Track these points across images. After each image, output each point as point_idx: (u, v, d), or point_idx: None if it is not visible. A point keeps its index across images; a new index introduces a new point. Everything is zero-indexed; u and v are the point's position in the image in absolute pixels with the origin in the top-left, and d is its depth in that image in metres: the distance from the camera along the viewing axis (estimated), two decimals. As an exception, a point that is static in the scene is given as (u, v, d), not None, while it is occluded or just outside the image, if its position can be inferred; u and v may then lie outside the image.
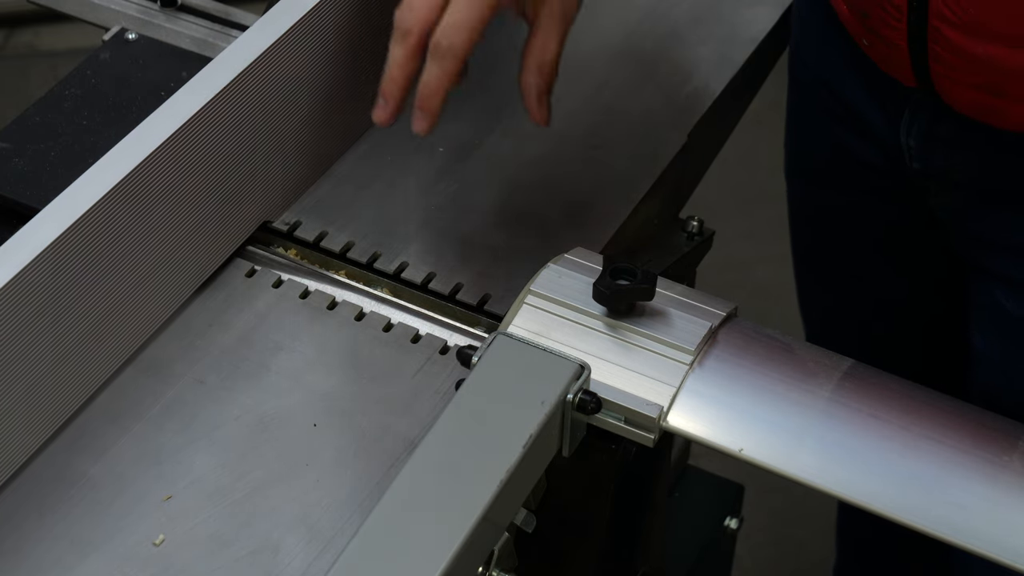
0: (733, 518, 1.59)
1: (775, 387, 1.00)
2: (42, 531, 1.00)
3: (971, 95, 1.18)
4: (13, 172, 1.18)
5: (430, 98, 1.07)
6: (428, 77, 1.06)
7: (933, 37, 1.15)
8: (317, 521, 1.01)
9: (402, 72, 1.08)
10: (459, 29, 1.04)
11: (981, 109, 1.19)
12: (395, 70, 1.08)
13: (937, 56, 1.16)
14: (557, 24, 1.08)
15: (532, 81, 1.09)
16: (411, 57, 1.07)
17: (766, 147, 2.47)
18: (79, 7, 1.38)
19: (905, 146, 1.28)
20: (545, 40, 1.08)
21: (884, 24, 1.19)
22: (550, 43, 1.08)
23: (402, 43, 1.07)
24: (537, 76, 1.08)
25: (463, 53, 1.05)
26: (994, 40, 1.12)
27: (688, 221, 1.26)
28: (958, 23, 1.13)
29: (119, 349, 1.09)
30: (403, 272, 1.16)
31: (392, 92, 1.08)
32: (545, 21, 1.08)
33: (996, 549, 0.93)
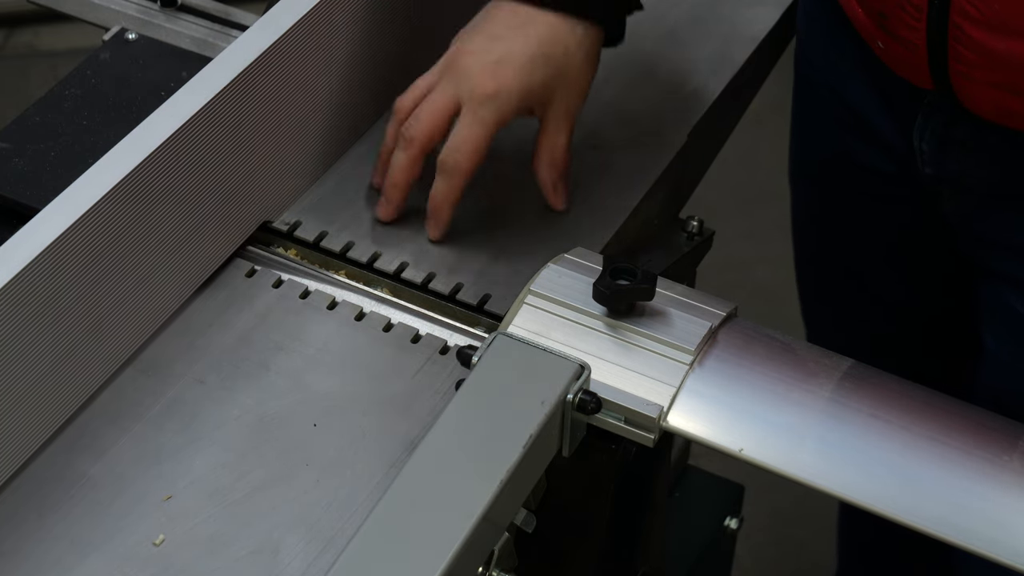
0: (733, 518, 1.58)
1: (775, 387, 1.00)
2: (42, 531, 1.00)
3: (991, 95, 1.17)
4: (13, 172, 1.18)
5: (439, 210, 1.17)
6: (436, 192, 1.16)
7: (954, 35, 1.14)
8: (317, 521, 1.01)
9: (404, 178, 1.17)
10: (464, 150, 1.14)
11: (1000, 110, 1.18)
12: (398, 175, 1.17)
13: (958, 55, 1.16)
14: (564, 121, 1.17)
15: (546, 175, 1.19)
16: (414, 164, 1.16)
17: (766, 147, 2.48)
18: (79, 7, 1.38)
19: (918, 150, 1.27)
20: (555, 136, 1.18)
21: (902, 24, 1.18)
22: (559, 139, 1.18)
23: (406, 151, 1.16)
24: (550, 170, 1.19)
25: (468, 171, 1.15)
26: (1017, 36, 1.12)
27: (688, 221, 1.26)
28: (981, 19, 1.12)
29: (119, 349, 1.09)
30: (403, 272, 1.16)
31: (395, 196, 1.18)
32: (552, 122, 1.17)
33: (996, 549, 0.93)
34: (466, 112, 1.14)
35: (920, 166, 1.28)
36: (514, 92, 1.13)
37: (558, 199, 1.20)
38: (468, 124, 1.14)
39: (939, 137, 1.25)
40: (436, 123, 1.15)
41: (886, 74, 1.26)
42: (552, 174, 1.19)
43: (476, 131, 1.14)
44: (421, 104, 1.16)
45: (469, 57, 1.14)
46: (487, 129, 1.14)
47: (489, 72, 1.13)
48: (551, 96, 1.16)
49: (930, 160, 1.27)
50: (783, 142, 1.52)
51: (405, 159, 1.16)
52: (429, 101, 1.15)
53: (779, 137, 1.50)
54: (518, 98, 1.14)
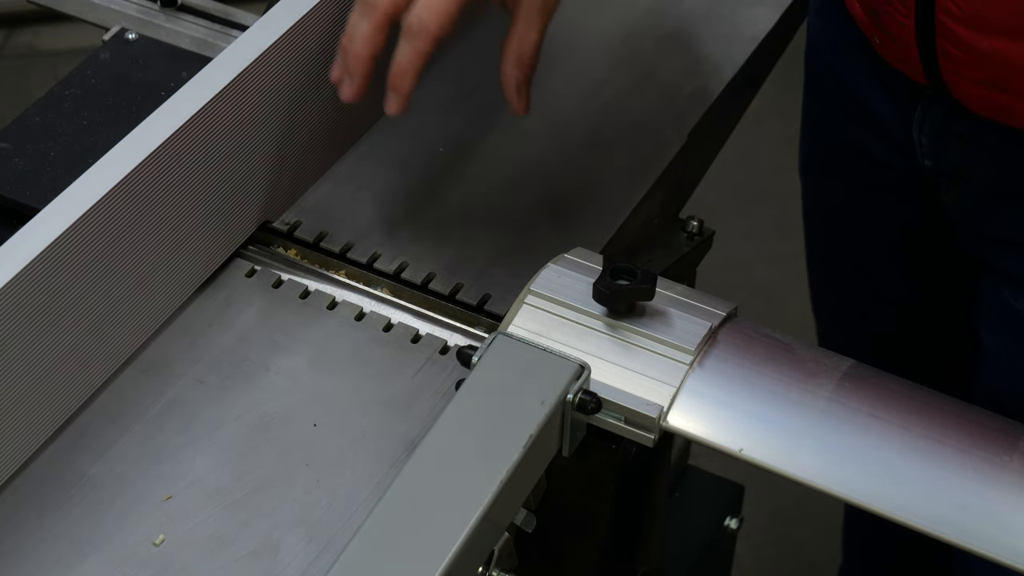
0: (733, 518, 1.59)
1: (775, 387, 1.00)
2: (42, 531, 1.00)
3: (979, 91, 1.18)
4: (13, 172, 1.18)
5: (401, 77, 1.06)
6: (400, 57, 1.05)
7: (940, 32, 1.16)
8: (317, 521, 1.01)
9: (367, 47, 1.06)
10: (432, 9, 1.03)
11: (989, 106, 1.19)
12: (360, 46, 1.06)
13: (945, 51, 1.16)
14: (537, 16, 1.07)
15: (511, 72, 1.08)
16: (378, 31, 1.05)
17: (766, 147, 2.48)
18: (79, 7, 1.38)
19: (917, 142, 1.28)
20: (525, 31, 1.07)
21: (893, 21, 1.19)
22: (529, 34, 1.07)
23: (368, 16, 1.05)
24: (516, 68, 1.08)
25: (437, 33, 1.04)
26: (999, 34, 1.12)
27: (688, 221, 1.26)
28: (963, 17, 1.13)
29: (119, 349, 1.09)
30: (403, 272, 1.16)
31: (357, 68, 1.07)
32: (525, 13, 1.07)
33: (996, 549, 0.93)
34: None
35: (920, 158, 1.29)
36: None
37: (521, 101, 1.09)
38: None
39: (937, 130, 1.26)
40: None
41: (888, 68, 1.26)
42: (517, 72, 1.08)
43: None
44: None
45: None
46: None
47: None
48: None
49: (929, 153, 1.28)
50: (783, 142, 1.52)
51: (367, 26, 1.05)
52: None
53: (779, 137, 1.50)
54: None
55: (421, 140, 1.27)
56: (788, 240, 1.57)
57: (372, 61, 1.06)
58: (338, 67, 1.09)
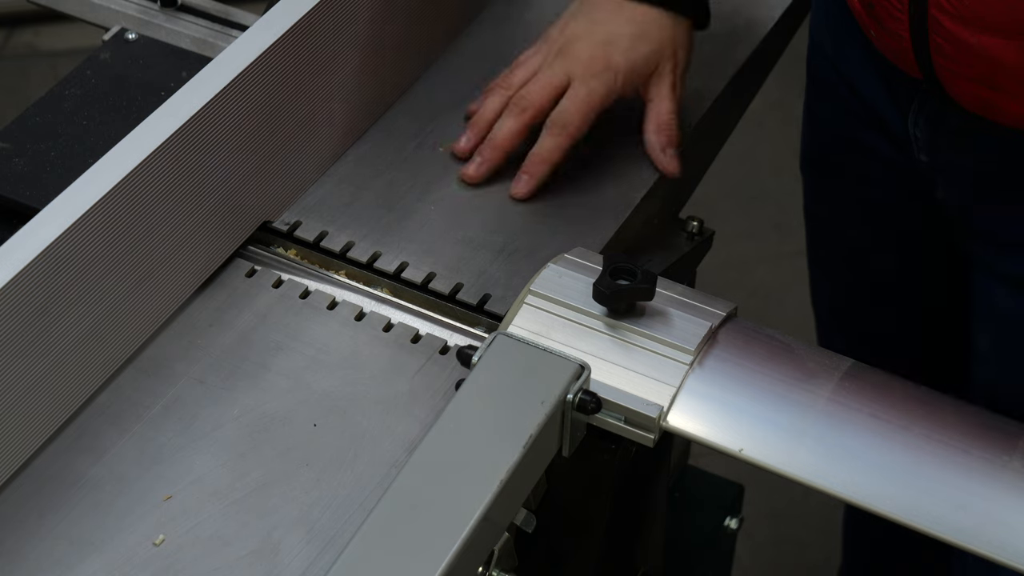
0: (733, 518, 1.59)
1: (775, 387, 1.00)
2: (42, 531, 1.00)
3: (970, 88, 1.19)
4: (13, 172, 1.18)
5: (539, 165, 1.22)
6: (540, 148, 1.22)
7: (933, 28, 1.16)
8: (317, 521, 1.01)
9: (510, 142, 1.22)
10: (574, 110, 1.21)
11: (979, 103, 1.19)
12: (504, 138, 1.22)
13: (938, 47, 1.17)
14: (667, 91, 1.24)
15: (653, 139, 1.24)
16: (522, 130, 1.22)
17: (766, 147, 2.48)
18: (79, 7, 1.38)
19: (913, 137, 1.29)
20: (659, 105, 1.24)
21: (888, 15, 1.20)
22: (663, 106, 1.24)
23: (518, 117, 1.22)
24: (656, 134, 1.24)
25: (576, 131, 1.21)
26: (990, 31, 1.13)
27: (688, 221, 1.26)
28: (955, 14, 1.13)
29: (119, 349, 1.09)
30: (403, 272, 1.16)
31: (495, 157, 1.22)
32: (655, 92, 1.24)
33: (996, 549, 0.93)
34: (578, 84, 1.21)
35: (916, 153, 1.30)
36: (621, 68, 1.22)
37: (669, 163, 1.24)
38: (579, 91, 1.21)
39: (932, 125, 1.27)
40: (549, 95, 1.22)
41: (885, 61, 1.27)
42: (660, 138, 1.24)
43: (586, 97, 1.21)
44: (534, 78, 1.23)
45: (578, 40, 1.22)
46: (597, 98, 1.21)
47: (599, 51, 1.22)
48: (653, 70, 1.23)
49: (924, 147, 1.29)
50: (783, 142, 1.52)
51: (515, 124, 1.22)
52: (543, 75, 1.22)
53: (779, 137, 1.50)
54: (624, 73, 1.22)
55: (421, 140, 1.27)
56: (788, 240, 1.57)
57: (508, 155, 1.23)
58: (467, 142, 1.24)
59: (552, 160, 1.21)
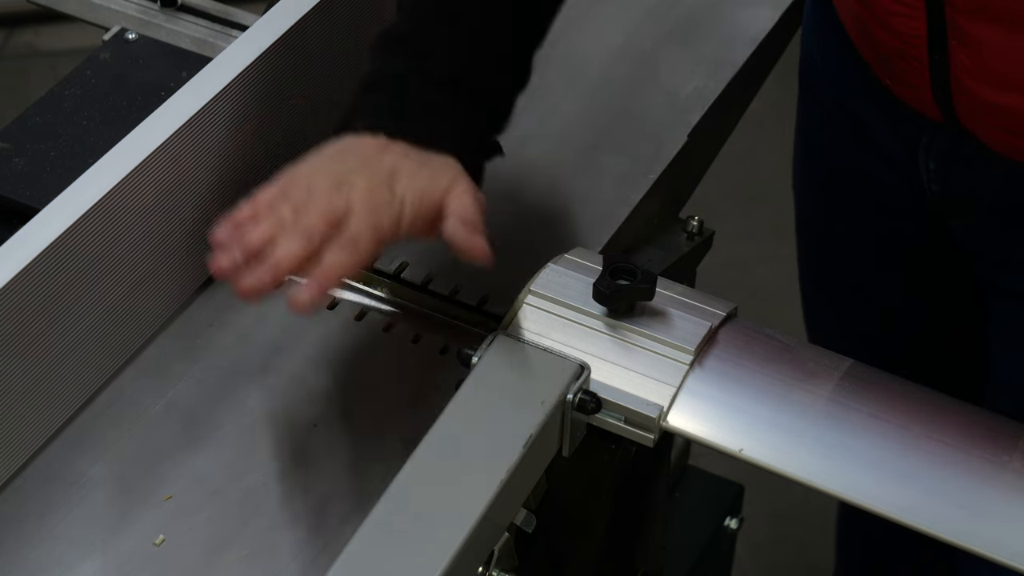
0: (733, 518, 1.59)
1: (775, 387, 1.00)
2: (42, 531, 1.00)
3: (997, 136, 1.17)
4: (13, 172, 1.18)
5: (327, 280, 0.96)
6: (328, 264, 0.96)
7: (956, 88, 1.15)
8: (317, 521, 1.01)
9: (292, 265, 0.96)
10: (365, 235, 0.97)
11: (1006, 147, 1.18)
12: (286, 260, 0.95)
13: (962, 104, 1.16)
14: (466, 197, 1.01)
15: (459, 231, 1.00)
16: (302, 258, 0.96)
17: (766, 147, 2.48)
18: (79, 7, 1.38)
19: (924, 168, 1.27)
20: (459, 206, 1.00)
21: (908, 74, 1.19)
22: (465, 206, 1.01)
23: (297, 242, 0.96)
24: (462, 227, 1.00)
25: (365, 255, 0.97)
26: (1016, 91, 1.12)
27: (688, 221, 1.26)
28: (980, 75, 1.12)
29: (119, 349, 1.09)
30: (403, 272, 1.16)
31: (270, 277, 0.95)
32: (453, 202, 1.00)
33: (996, 549, 0.93)
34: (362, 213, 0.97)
35: (926, 183, 1.28)
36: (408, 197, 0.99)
37: (476, 245, 1.00)
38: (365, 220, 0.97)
39: (946, 157, 1.24)
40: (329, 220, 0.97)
41: (892, 101, 1.25)
42: (464, 230, 1.00)
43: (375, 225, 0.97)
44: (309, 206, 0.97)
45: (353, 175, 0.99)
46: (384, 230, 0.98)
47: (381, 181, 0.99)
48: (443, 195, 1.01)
49: (936, 178, 1.26)
50: (783, 142, 1.52)
51: (296, 249, 0.96)
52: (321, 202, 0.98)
53: (779, 137, 1.50)
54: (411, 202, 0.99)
55: (421, 140, 1.27)
56: (788, 240, 1.56)
57: (285, 278, 0.97)
58: (228, 259, 0.96)
59: (338, 276, 0.96)
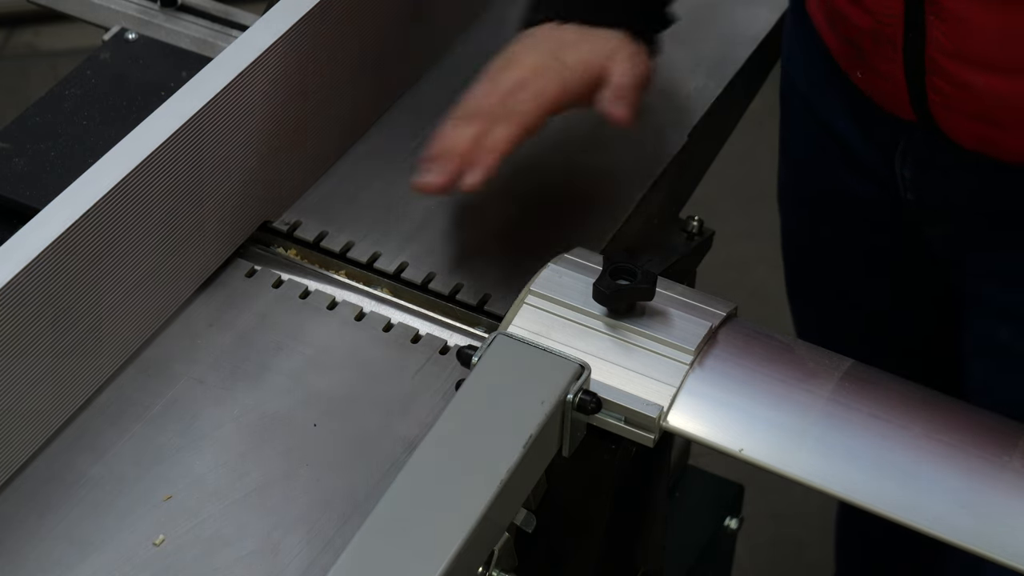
0: (733, 518, 1.59)
1: (775, 387, 1.00)
2: (42, 531, 1.00)
3: (970, 126, 1.18)
4: (13, 172, 1.18)
5: (486, 155, 1.08)
6: (488, 139, 1.08)
7: (931, 68, 1.16)
8: (317, 521, 1.01)
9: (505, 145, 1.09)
10: (527, 104, 1.09)
11: (980, 140, 1.19)
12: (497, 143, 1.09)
13: (936, 87, 1.16)
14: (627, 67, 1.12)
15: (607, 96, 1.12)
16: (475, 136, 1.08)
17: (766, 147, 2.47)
18: (79, 7, 1.38)
19: (900, 176, 1.28)
20: (617, 79, 1.11)
21: (879, 58, 1.19)
22: (624, 79, 1.11)
23: (469, 126, 1.09)
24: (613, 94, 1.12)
25: (528, 124, 1.09)
26: (992, 70, 1.13)
27: (688, 221, 1.26)
28: (957, 54, 1.13)
29: (119, 349, 1.09)
30: (403, 272, 1.16)
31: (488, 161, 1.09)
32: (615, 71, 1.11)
33: (996, 549, 0.93)
34: (531, 83, 1.11)
35: (903, 192, 1.28)
36: (576, 66, 1.11)
37: (620, 109, 1.12)
38: (532, 89, 1.11)
39: (921, 164, 1.25)
40: (498, 98, 1.11)
41: (866, 104, 1.26)
42: (616, 94, 1.12)
43: (540, 93, 1.11)
44: (480, 90, 1.12)
45: (525, 53, 1.13)
46: (550, 94, 1.11)
47: (549, 55, 1.12)
48: (608, 64, 1.12)
49: (912, 186, 1.27)
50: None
51: (471, 132, 1.10)
52: (489, 84, 1.12)
53: (778, 138, 1.49)
54: (581, 72, 1.11)
55: (421, 140, 1.27)
56: (788, 240, 1.56)
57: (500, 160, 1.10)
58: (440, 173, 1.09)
59: (499, 149, 1.09)
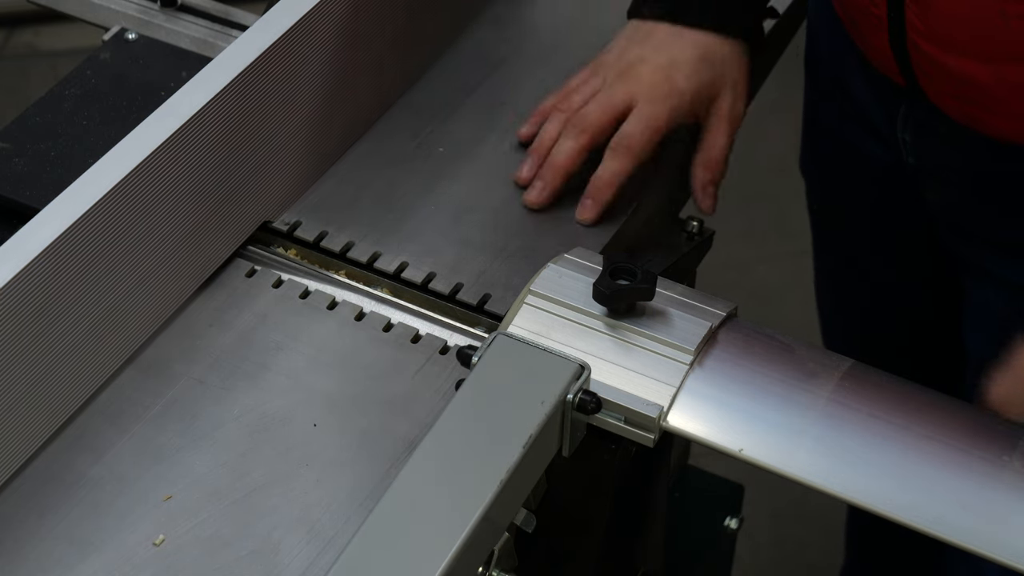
0: (733, 518, 1.59)
1: (775, 387, 1.00)
2: (42, 531, 1.00)
3: (952, 102, 1.19)
4: (13, 172, 1.18)
5: (603, 190, 1.18)
6: (603, 171, 1.19)
7: (912, 48, 1.18)
8: (317, 521, 1.01)
9: (570, 164, 1.19)
10: (638, 133, 1.18)
11: (963, 116, 1.20)
12: (564, 159, 1.19)
13: (919, 65, 1.18)
14: (725, 125, 1.21)
15: (699, 174, 1.23)
16: (582, 152, 1.19)
17: (766, 147, 2.48)
18: (79, 7, 1.38)
19: (901, 140, 1.29)
20: (714, 139, 1.22)
21: (870, 32, 1.21)
22: (719, 140, 1.22)
23: (577, 139, 1.19)
24: (703, 170, 1.23)
25: (640, 153, 1.18)
26: (965, 55, 1.13)
27: (688, 221, 1.26)
28: (930, 36, 1.14)
29: (119, 349, 1.09)
30: (403, 272, 1.16)
31: (555, 180, 1.19)
32: (714, 122, 1.22)
33: (996, 549, 0.93)
34: (642, 106, 1.19)
35: (905, 156, 1.30)
36: (686, 92, 1.20)
37: (706, 200, 1.23)
38: (643, 115, 1.18)
39: (919, 130, 1.27)
40: (610, 116, 1.19)
41: (869, 66, 1.27)
42: (706, 175, 1.22)
43: (650, 121, 1.18)
44: (594, 100, 1.20)
45: (640, 63, 1.20)
46: (661, 121, 1.19)
47: (663, 74, 1.19)
48: (715, 97, 1.22)
49: (912, 150, 1.29)
50: (782, 143, 1.52)
51: (575, 146, 1.19)
52: (603, 97, 1.19)
53: (778, 138, 1.50)
54: (690, 98, 1.20)
55: (421, 140, 1.27)
56: (788, 240, 1.57)
57: (568, 176, 1.19)
58: (530, 169, 1.21)
59: (616, 184, 1.19)
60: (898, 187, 1.37)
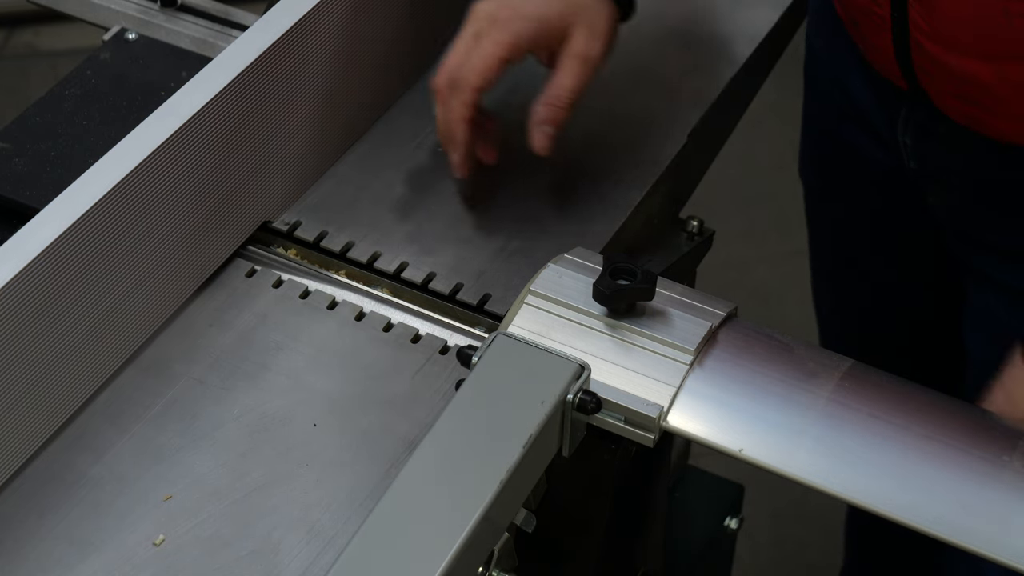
0: (733, 518, 1.58)
1: (775, 387, 1.00)
2: (42, 531, 1.00)
3: (955, 104, 1.19)
4: (13, 172, 1.18)
5: (452, 130, 1.14)
6: (446, 113, 1.13)
7: (915, 48, 1.17)
8: (317, 521, 1.01)
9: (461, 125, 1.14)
10: (472, 65, 1.12)
11: (965, 118, 1.20)
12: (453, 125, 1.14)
13: (921, 66, 1.18)
14: (576, 65, 1.13)
15: (539, 111, 1.14)
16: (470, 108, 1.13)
17: (766, 147, 2.48)
18: (79, 7, 1.38)
19: (902, 143, 1.29)
20: (560, 78, 1.14)
21: (872, 32, 1.21)
22: (564, 80, 1.13)
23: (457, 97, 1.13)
24: (543, 107, 1.14)
25: (475, 86, 1.12)
26: (968, 54, 1.14)
27: (688, 221, 1.26)
28: (933, 35, 1.14)
29: (119, 349, 1.09)
30: (403, 272, 1.16)
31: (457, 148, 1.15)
32: (564, 60, 1.13)
33: (996, 549, 0.93)
34: (483, 36, 1.13)
35: (906, 160, 1.30)
36: (531, 16, 1.12)
37: (540, 139, 1.15)
38: (482, 44, 1.12)
39: (920, 133, 1.27)
40: (464, 61, 1.13)
41: (870, 69, 1.27)
42: (545, 111, 1.14)
43: (487, 49, 1.12)
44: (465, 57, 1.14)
45: (488, 3, 1.14)
46: (499, 48, 1.12)
47: (507, 3, 1.13)
48: (567, 33, 1.14)
49: (913, 154, 1.29)
50: (782, 142, 1.52)
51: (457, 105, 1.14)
52: (457, 47, 1.14)
53: (778, 137, 1.50)
54: (535, 23, 1.13)
55: (421, 140, 1.27)
56: (788, 240, 1.57)
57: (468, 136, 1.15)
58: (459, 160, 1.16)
59: (460, 116, 1.13)
60: (899, 190, 1.37)
